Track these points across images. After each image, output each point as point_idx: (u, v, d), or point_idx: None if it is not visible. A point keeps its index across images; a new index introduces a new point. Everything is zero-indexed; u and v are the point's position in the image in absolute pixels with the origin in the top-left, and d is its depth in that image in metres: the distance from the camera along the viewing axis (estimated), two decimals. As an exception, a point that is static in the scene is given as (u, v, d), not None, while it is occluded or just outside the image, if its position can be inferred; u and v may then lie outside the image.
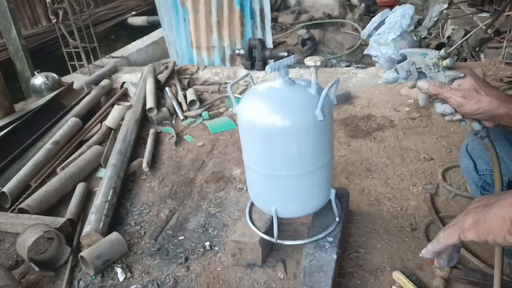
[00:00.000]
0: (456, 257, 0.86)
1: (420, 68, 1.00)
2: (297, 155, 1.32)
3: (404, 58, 1.02)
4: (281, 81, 1.32)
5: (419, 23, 5.25)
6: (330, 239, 1.48)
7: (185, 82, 3.43)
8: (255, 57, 3.51)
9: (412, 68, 1.01)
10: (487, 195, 0.81)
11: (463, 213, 0.79)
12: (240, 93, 3.21)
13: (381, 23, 1.08)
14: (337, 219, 1.54)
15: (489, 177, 1.23)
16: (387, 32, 1.04)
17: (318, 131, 1.30)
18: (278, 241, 1.50)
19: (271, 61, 3.49)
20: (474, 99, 0.94)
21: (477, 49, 3.78)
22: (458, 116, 1.00)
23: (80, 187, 2.11)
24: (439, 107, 1.02)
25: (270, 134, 1.29)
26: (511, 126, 0.98)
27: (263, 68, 3.50)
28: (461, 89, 0.95)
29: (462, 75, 0.97)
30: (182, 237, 1.79)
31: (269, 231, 1.52)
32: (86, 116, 2.88)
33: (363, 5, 5.43)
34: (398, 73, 1.03)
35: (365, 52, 1.11)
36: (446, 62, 0.97)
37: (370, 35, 1.09)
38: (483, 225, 0.71)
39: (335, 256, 1.42)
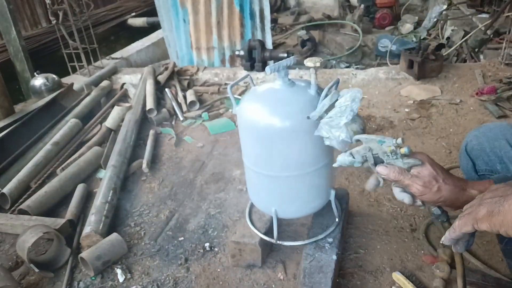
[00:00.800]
0: (471, 241, 0.89)
1: (377, 154, 1.02)
2: (297, 156, 1.32)
3: (360, 144, 1.04)
4: (281, 82, 1.32)
5: (418, 24, 5.26)
6: (330, 240, 1.49)
7: (185, 83, 3.43)
8: (254, 58, 3.51)
9: (368, 154, 1.02)
10: (504, 183, 0.80)
11: (477, 201, 0.79)
12: (240, 94, 3.22)
13: (331, 106, 1.10)
14: (336, 219, 1.55)
15: (488, 177, 1.23)
16: (338, 116, 1.06)
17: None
18: (278, 242, 1.51)
19: (270, 62, 3.49)
20: (435, 187, 0.95)
21: (476, 50, 3.78)
22: (419, 203, 1.02)
23: (80, 188, 2.11)
24: (399, 195, 1.04)
25: (270, 135, 1.29)
26: None
27: (262, 69, 3.51)
28: (421, 177, 0.96)
29: (420, 162, 0.98)
30: (182, 238, 1.79)
31: (269, 232, 1.53)
32: (86, 117, 2.88)
33: (362, 6, 5.43)
34: (353, 157, 1.04)
35: (316, 133, 1.13)
36: (404, 150, 0.98)
37: (321, 117, 1.12)
38: (497, 218, 0.72)
39: (335, 257, 1.42)
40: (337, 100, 1.11)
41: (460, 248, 0.87)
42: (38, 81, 3.42)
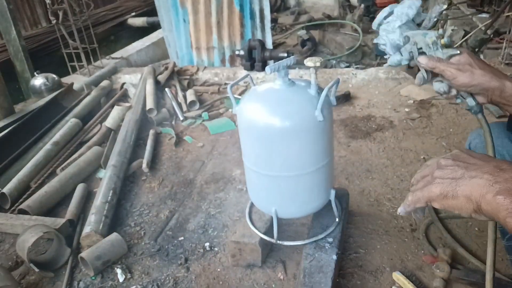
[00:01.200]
0: (426, 207, 0.90)
1: (421, 48, 1.07)
2: (297, 156, 1.32)
3: (408, 41, 1.09)
4: (281, 82, 1.32)
5: (418, 24, 5.26)
6: (330, 239, 1.48)
7: (185, 83, 3.43)
8: (254, 58, 3.51)
9: (414, 48, 1.07)
10: (452, 154, 0.81)
11: (428, 175, 0.79)
12: (240, 94, 3.21)
13: (390, 13, 1.16)
14: (336, 219, 1.55)
15: None
16: (394, 20, 1.13)
17: (317, 131, 1.30)
18: (278, 241, 1.51)
19: (270, 62, 3.49)
20: (468, 72, 1.00)
21: (476, 49, 3.78)
22: (454, 92, 1.06)
23: (80, 188, 2.11)
24: (437, 85, 1.08)
25: (270, 135, 1.29)
26: (503, 103, 1.02)
27: (262, 69, 3.50)
28: (457, 63, 1.02)
29: (459, 52, 1.04)
30: (182, 238, 1.79)
31: (269, 232, 1.52)
32: (86, 117, 2.88)
33: (362, 6, 5.43)
34: (401, 55, 1.10)
35: (375, 41, 1.19)
36: (444, 40, 1.05)
37: (380, 24, 1.17)
38: (451, 201, 0.73)
39: (335, 257, 1.42)
40: (395, 8, 1.17)
41: (419, 215, 0.89)
42: (38, 81, 3.42)
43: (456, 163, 0.76)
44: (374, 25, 1.18)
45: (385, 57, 1.19)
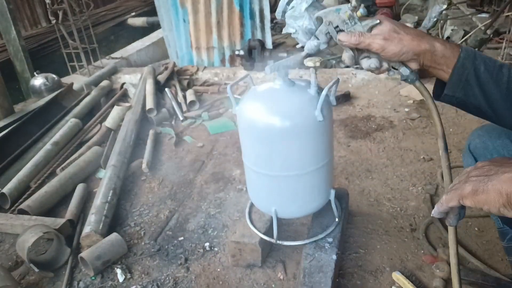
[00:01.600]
0: (462, 214, 0.89)
1: (337, 26, 1.00)
2: (297, 156, 1.32)
3: (321, 22, 1.01)
4: (281, 82, 1.32)
5: (418, 23, 5.26)
6: (330, 239, 1.48)
7: (185, 83, 3.43)
8: (254, 58, 3.51)
9: (330, 28, 1.00)
10: (489, 159, 0.83)
11: (464, 178, 0.81)
12: (239, 94, 3.21)
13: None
14: (336, 219, 1.55)
15: None
16: (299, 3, 1.04)
17: (317, 131, 1.30)
18: (277, 241, 1.51)
19: (270, 62, 3.49)
20: (396, 39, 0.95)
21: (476, 49, 3.78)
22: (385, 66, 1.01)
23: (80, 188, 2.11)
24: (365, 63, 1.01)
25: (270, 135, 1.29)
26: (433, 66, 0.99)
27: (262, 69, 3.50)
28: (381, 33, 0.96)
29: (378, 21, 0.98)
30: (182, 238, 1.79)
31: (268, 232, 1.52)
32: (86, 117, 2.88)
33: (362, 6, 5.43)
34: (318, 38, 1.02)
35: (284, 31, 1.10)
36: (360, 11, 0.98)
37: (284, 12, 1.08)
38: (481, 196, 0.75)
39: (334, 257, 1.42)
40: None
41: (452, 221, 0.89)
42: (38, 81, 3.42)
43: (492, 163, 0.79)
44: (278, 14, 1.09)
45: (297, 46, 1.09)
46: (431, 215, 0.87)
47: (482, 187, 0.75)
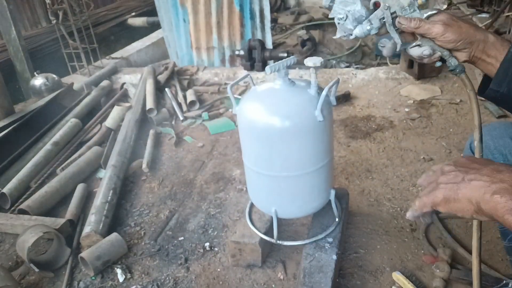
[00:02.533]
0: (436, 212, 0.90)
1: (394, 12, 1.01)
2: (297, 156, 1.32)
3: (374, 9, 1.02)
4: (281, 82, 1.32)
5: None
6: (330, 239, 1.48)
7: (185, 83, 3.43)
8: (254, 58, 3.51)
9: (386, 13, 1.00)
10: (455, 162, 0.84)
11: (433, 184, 0.81)
12: (240, 94, 3.21)
13: None
14: (336, 219, 1.55)
15: None
16: None
17: (318, 132, 1.30)
18: (278, 241, 1.51)
19: (270, 62, 3.49)
20: (455, 26, 0.97)
21: None
22: (437, 54, 1.02)
23: (80, 188, 2.11)
24: (417, 51, 1.02)
25: (270, 135, 1.29)
26: (482, 58, 1.00)
27: (262, 69, 3.50)
28: (439, 20, 0.98)
29: (436, 11, 1.00)
30: (182, 238, 1.79)
31: (269, 232, 1.53)
32: (86, 117, 2.88)
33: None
34: (371, 23, 1.02)
35: (330, 16, 1.09)
36: (422, 0, 0.99)
37: (332, 0, 1.08)
38: (453, 204, 0.76)
39: (335, 257, 1.42)
40: None
41: (427, 219, 0.89)
42: (38, 81, 3.42)
43: (457, 169, 0.79)
44: (326, 1, 1.09)
45: (333, 37, 1.09)
46: (406, 217, 0.88)
47: (453, 196, 0.76)
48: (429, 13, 1.00)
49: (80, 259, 1.62)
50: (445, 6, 5.06)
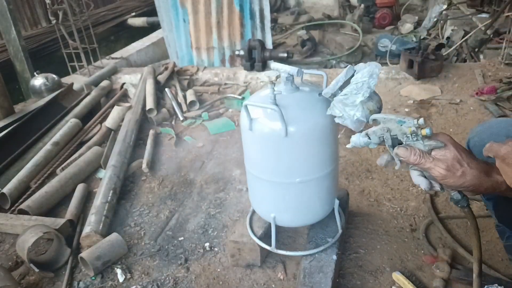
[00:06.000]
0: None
1: (395, 135, 0.96)
2: (301, 162, 1.30)
3: (376, 124, 0.97)
4: (285, 87, 1.30)
5: (418, 23, 5.26)
6: (330, 239, 1.48)
7: (185, 83, 3.43)
8: (254, 58, 3.51)
9: (386, 135, 0.96)
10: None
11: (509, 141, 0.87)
12: (240, 94, 3.22)
13: (346, 82, 1.02)
14: (340, 231, 1.51)
15: None
16: (354, 93, 0.99)
17: (322, 137, 1.29)
18: (275, 250, 1.48)
19: (270, 62, 3.49)
20: (459, 172, 0.90)
21: (476, 49, 3.78)
22: (437, 188, 0.98)
23: (80, 188, 2.11)
24: (416, 178, 0.98)
25: (274, 140, 1.26)
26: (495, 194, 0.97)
27: (263, 69, 3.51)
28: (444, 160, 0.91)
29: (443, 145, 0.92)
30: (182, 238, 1.79)
31: (267, 234, 1.52)
32: (86, 117, 2.88)
33: (362, 6, 5.43)
34: (369, 138, 0.98)
35: (328, 112, 1.06)
36: (426, 131, 0.92)
37: (334, 95, 1.04)
38: (505, 165, 0.85)
39: (335, 257, 1.42)
40: (352, 75, 1.02)
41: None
42: (38, 81, 3.42)
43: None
44: (327, 94, 1.04)
45: (336, 119, 1.04)
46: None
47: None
48: (434, 145, 0.92)
49: (80, 259, 1.62)
50: (445, 6, 5.06)
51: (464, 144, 1.35)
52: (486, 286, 1.01)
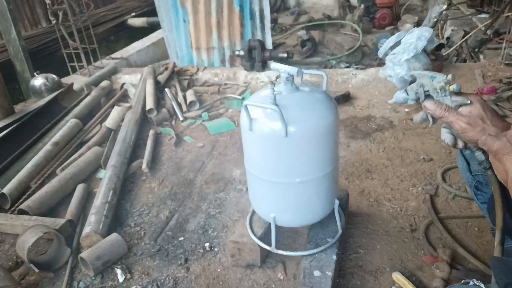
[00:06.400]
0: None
1: (428, 91, 1.01)
2: (301, 162, 1.30)
3: (415, 79, 1.03)
4: (285, 87, 1.30)
5: (418, 24, 5.26)
6: (330, 239, 1.48)
7: (185, 83, 3.43)
8: (254, 58, 3.52)
9: (420, 90, 1.01)
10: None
11: (504, 135, 0.85)
12: (240, 94, 3.22)
13: (397, 43, 1.07)
14: (340, 231, 1.51)
15: (482, 177, 1.23)
16: (401, 52, 1.04)
17: (322, 137, 1.29)
18: (275, 250, 1.48)
19: (270, 62, 3.49)
20: (479, 127, 0.93)
21: (476, 50, 3.78)
22: (461, 145, 1.01)
23: (80, 188, 2.11)
24: (443, 135, 1.02)
25: (274, 140, 1.26)
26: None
27: (263, 69, 3.51)
28: (467, 116, 0.95)
29: (469, 102, 0.96)
30: (182, 238, 1.79)
31: (267, 234, 1.52)
32: (86, 117, 2.88)
33: (362, 6, 5.43)
34: (407, 94, 1.03)
35: (381, 71, 1.13)
36: (453, 87, 0.97)
37: (386, 54, 1.09)
38: (496, 160, 0.86)
39: (335, 257, 1.42)
40: (403, 37, 1.08)
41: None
42: (38, 81, 3.42)
43: None
44: (380, 53, 1.11)
45: (387, 78, 1.11)
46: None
47: (502, 155, 0.82)
48: (460, 102, 0.97)
49: (80, 259, 1.62)
50: (444, 7, 5.06)
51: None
52: (470, 280, 1.00)
